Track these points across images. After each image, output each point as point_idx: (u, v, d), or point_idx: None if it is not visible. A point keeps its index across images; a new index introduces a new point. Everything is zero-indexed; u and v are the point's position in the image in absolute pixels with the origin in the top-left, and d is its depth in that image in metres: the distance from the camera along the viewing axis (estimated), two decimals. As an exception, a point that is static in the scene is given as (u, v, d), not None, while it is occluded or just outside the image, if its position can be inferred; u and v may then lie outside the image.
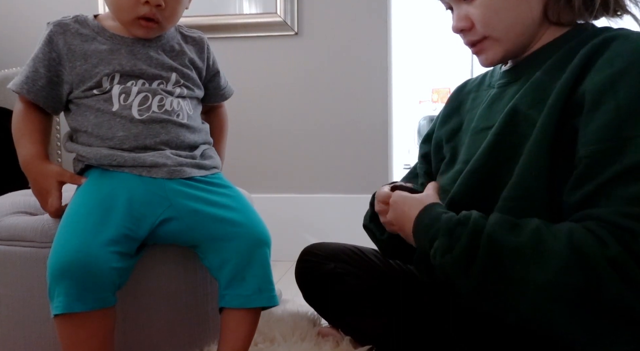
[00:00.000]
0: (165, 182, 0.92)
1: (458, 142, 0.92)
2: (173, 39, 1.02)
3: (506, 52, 0.82)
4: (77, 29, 0.94)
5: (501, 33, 0.80)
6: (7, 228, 0.96)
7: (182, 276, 1.01)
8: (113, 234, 0.84)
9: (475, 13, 0.80)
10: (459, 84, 1.03)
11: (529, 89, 0.78)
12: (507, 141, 0.76)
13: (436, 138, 0.99)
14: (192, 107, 1.01)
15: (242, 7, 2.06)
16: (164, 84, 0.97)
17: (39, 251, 0.93)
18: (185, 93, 1.00)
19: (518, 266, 0.63)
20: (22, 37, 2.13)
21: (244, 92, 1.16)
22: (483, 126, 0.84)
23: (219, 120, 1.16)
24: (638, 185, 0.62)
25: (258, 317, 0.94)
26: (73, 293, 0.80)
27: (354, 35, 2.01)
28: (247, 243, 0.92)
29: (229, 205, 0.95)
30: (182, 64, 1.01)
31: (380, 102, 2.02)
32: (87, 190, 0.91)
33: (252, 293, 0.91)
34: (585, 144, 0.67)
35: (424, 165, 1.04)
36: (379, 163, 2.03)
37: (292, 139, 2.07)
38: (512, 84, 0.84)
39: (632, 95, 0.65)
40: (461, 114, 0.95)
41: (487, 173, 0.77)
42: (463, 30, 0.83)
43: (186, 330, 1.02)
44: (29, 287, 0.94)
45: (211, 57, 1.08)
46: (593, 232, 0.62)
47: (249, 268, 0.91)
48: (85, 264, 0.80)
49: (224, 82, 1.12)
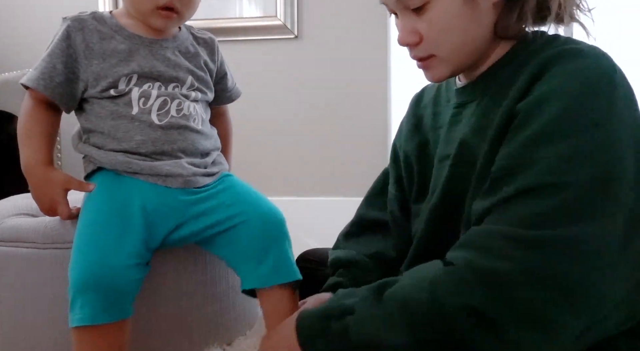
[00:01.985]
0: (179, 192, 0.91)
1: (426, 165, 0.90)
2: (187, 40, 1.00)
3: (453, 71, 0.79)
4: (95, 26, 0.92)
5: (449, 53, 0.77)
6: (9, 229, 0.96)
7: (183, 279, 1.01)
8: (133, 246, 0.85)
9: (424, 28, 0.75)
10: (415, 95, 1.00)
11: (474, 117, 0.77)
12: (459, 173, 0.76)
13: (405, 152, 0.96)
14: (203, 111, 1.00)
15: (242, 11, 2.07)
16: (179, 87, 0.95)
17: (40, 252, 0.93)
18: (199, 97, 0.99)
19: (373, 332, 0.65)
20: (22, 41, 2.14)
21: (243, 95, 1.15)
22: (444, 154, 0.83)
23: (225, 127, 1.14)
24: (525, 206, 0.62)
25: (292, 292, 0.95)
26: (98, 305, 0.80)
27: (354, 38, 2.01)
28: (256, 226, 0.93)
29: (234, 201, 0.95)
30: (198, 66, 0.99)
31: (380, 105, 2.02)
32: (101, 196, 0.90)
33: (268, 273, 0.92)
34: (498, 159, 0.68)
35: (395, 171, 1.00)
36: (378, 165, 2.02)
37: (291, 142, 2.07)
38: (467, 104, 0.82)
39: (553, 117, 0.64)
40: (423, 131, 0.93)
41: (445, 207, 0.78)
42: (409, 44, 0.78)
43: (186, 333, 1.02)
44: (30, 288, 0.94)
45: (221, 58, 1.07)
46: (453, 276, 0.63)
47: (263, 250, 0.92)
48: (110, 277, 0.81)
49: (231, 84, 1.11)
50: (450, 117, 0.85)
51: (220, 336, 1.06)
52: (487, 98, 0.77)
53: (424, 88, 1.00)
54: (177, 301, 1.01)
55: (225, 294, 1.07)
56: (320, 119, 2.05)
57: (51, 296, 0.93)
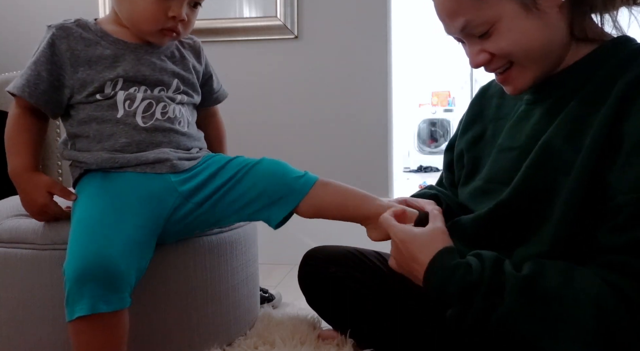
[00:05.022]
0: (170, 175, 0.93)
1: (480, 152, 0.91)
2: (172, 45, 1.02)
3: (535, 78, 0.78)
4: (80, 33, 0.94)
5: (526, 60, 0.76)
6: (8, 230, 0.96)
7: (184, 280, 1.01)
8: (131, 234, 0.85)
9: (493, 47, 0.75)
10: (482, 87, 1.00)
11: (563, 122, 0.75)
12: (540, 176, 0.75)
13: (458, 146, 0.98)
14: (189, 114, 1.02)
15: (242, 11, 2.07)
16: (164, 90, 0.97)
17: (39, 253, 0.94)
18: (185, 100, 1.00)
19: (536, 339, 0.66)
20: (21, 41, 2.13)
21: (243, 96, 1.16)
22: (508, 145, 0.83)
23: (217, 128, 1.16)
24: None
25: (324, 184, 0.95)
26: (98, 294, 0.80)
27: (354, 38, 2.01)
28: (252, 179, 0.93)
29: (224, 168, 0.95)
30: (185, 69, 1.01)
31: (380, 105, 2.02)
32: (94, 194, 0.91)
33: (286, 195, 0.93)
34: (624, 191, 0.66)
35: (449, 175, 1.03)
36: (379, 166, 2.03)
37: (291, 142, 2.07)
38: (539, 102, 0.81)
39: None
40: (484, 121, 0.93)
41: (518, 205, 0.77)
42: (481, 64, 0.78)
43: (186, 334, 1.02)
44: (30, 289, 0.94)
45: (205, 60, 1.09)
46: (621, 293, 0.63)
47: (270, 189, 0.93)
48: (107, 266, 0.81)
49: (216, 85, 1.12)
50: (521, 112, 0.84)
51: (221, 336, 1.06)
52: (575, 103, 0.75)
53: (492, 80, 0.98)
54: (177, 302, 1.01)
55: (225, 295, 1.07)
56: (320, 119, 2.05)
57: (50, 297, 0.93)
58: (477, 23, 0.74)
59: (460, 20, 0.75)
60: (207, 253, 1.03)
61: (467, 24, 0.75)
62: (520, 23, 0.73)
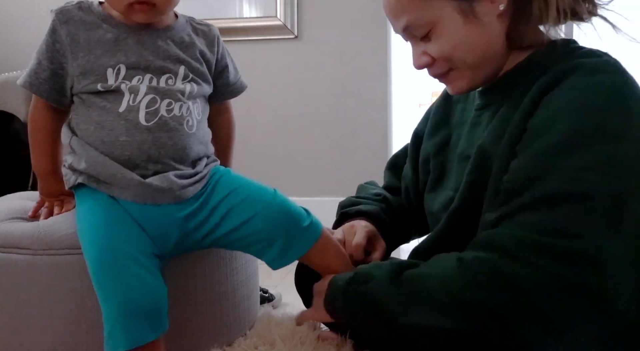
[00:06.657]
0: (172, 208, 0.89)
1: (446, 158, 0.92)
2: (184, 31, 0.96)
3: (473, 82, 0.81)
4: (80, 17, 0.89)
5: (464, 66, 0.79)
6: (3, 235, 0.93)
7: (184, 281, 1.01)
8: (157, 263, 0.87)
9: (434, 51, 0.78)
10: (445, 90, 0.99)
11: (493, 126, 0.79)
12: (478, 180, 0.78)
13: (425, 150, 0.99)
14: (200, 111, 0.95)
15: (242, 11, 2.07)
16: (172, 78, 0.91)
17: (34, 258, 0.91)
18: (195, 91, 0.94)
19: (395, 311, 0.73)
20: (22, 41, 2.13)
21: (243, 96, 1.14)
22: (466, 153, 0.86)
23: (227, 126, 1.10)
24: (546, 214, 0.64)
25: (327, 239, 0.97)
26: (144, 326, 0.81)
27: (354, 38, 2.01)
28: (261, 214, 0.92)
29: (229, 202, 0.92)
30: (192, 57, 0.95)
31: (380, 105, 2.02)
32: (100, 225, 0.87)
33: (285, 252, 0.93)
34: (511, 171, 0.70)
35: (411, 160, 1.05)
36: (379, 166, 2.03)
37: (291, 143, 2.07)
38: (486, 108, 0.84)
39: (569, 130, 0.66)
40: (450, 126, 0.95)
41: (465, 211, 0.81)
42: (422, 66, 0.81)
43: (186, 334, 1.02)
44: (25, 294, 0.92)
45: (221, 50, 1.03)
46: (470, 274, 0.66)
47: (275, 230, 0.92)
48: (152, 301, 0.83)
49: (233, 78, 1.06)
50: (473, 118, 0.87)
51: (220, 336, 1.06)
52: (505, 106, 0.78)
53: None
54: (177, 303, 1.00)
55: (225, 295, 1.07)
56: (320, 119, 2.05)
57: (47, 303, 0.91)
58: (418, 24, 0.78)
59: (403, 20, 0.79)
60: (207, 253, 1.03)
61: (409, 24, 0.79)
62: (459, 28, 0.76)
